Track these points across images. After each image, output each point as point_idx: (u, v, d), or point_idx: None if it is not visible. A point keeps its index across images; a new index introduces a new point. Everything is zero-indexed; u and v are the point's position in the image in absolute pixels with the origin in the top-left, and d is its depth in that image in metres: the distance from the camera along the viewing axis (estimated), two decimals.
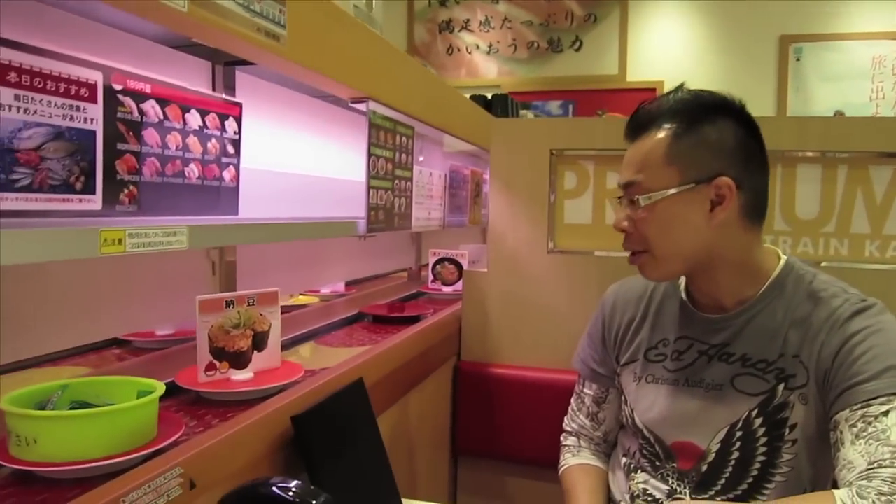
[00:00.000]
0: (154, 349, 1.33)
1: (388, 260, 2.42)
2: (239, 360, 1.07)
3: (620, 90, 4.79)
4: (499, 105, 2.80)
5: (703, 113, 1.07)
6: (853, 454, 0.96)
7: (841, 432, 0.99)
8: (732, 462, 1.11)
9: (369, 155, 1.21)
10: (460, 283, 2.10)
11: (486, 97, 2.76)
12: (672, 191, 1.06)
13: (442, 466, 1.77)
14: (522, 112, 3.21)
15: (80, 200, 0.85)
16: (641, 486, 1.21)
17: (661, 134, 1.07)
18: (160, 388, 0.85)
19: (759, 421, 1.10)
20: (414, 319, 1.69)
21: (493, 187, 1.79)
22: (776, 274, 1.13)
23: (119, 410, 0.79)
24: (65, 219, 0.82)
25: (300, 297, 2.08)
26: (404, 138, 1.36)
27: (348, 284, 2.26)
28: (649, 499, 1.19)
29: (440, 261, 2.28)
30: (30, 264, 0.94)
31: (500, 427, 1.76)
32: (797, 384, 1.08)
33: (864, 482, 0.90)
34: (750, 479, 1.11)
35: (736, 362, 1.13)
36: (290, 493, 0.63)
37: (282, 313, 1.14)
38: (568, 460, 1.36)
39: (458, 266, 2.26)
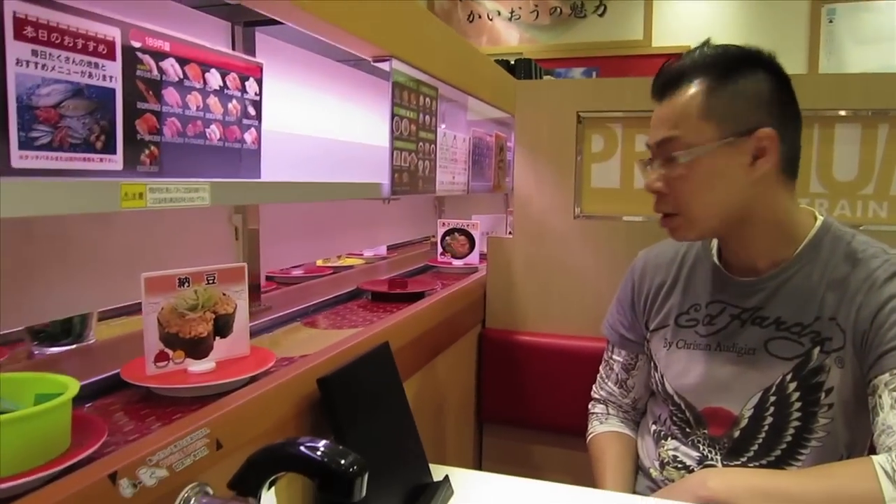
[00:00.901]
0: None
1: (410, 227, 2.40)
2: (197, 349, 0.92)
3: (646, 56, 4.68)
4: (522, 70, 2.74)
5: (736, 65, 1.04)
6: (893, 419, 0.93)
7: (880, 396, 0.97)
8: (766, 428, 1.09)
9: (392, 116, 1.18)
10: (472, 255, 2.06)
11: (509, 62, 2.71)
12: (711, 146, 1.02)
13: (467, 434, 1.76)
14: (546, 78, 3.15)
15: (101, 160, 0.83)
16: (671, 452, 1.19)
17: (694, 89, 1.04)
18: (72, 388, 0.68)
19: (793, 385, 1.07)
20: (416, 297, 1.53)
21: (519, 152, 1.75)
22: (812, 234, 1.09)
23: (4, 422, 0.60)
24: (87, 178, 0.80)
25: (346, 258, 2.19)
26: (428, 99, 1.33)
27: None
28: (679, 465, 1.18)
29: (450, 232, 2.08)
30: (54, 227, 0.93)
31: (525, 394, 1.74)
32: (833, 347, 1.05)
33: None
34: (784, 445, 1.09)
35: (770, 326, 1.10)
36: (319, 453, 0.62)
37: (326, 273, 1.12)
38: (596, 428, 1.35)
39: (470, 238, 2.08)
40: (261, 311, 1.31)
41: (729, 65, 1.04)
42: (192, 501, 0.68)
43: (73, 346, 1.09)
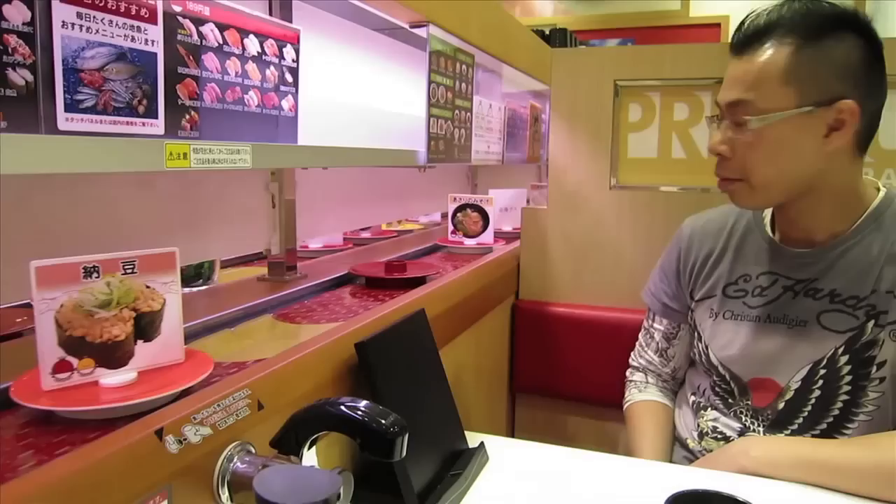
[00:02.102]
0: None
1: (443, 200, 2.39)
2: (112, 356, 0.72)
3: (683, 27, 4.57)
4: (557, 40, 2.70)
5: (827, 26, 0.96)
6: None
7: None
8: (813, 400, 1.08)
9: (429, 82, 1.17)
10: (486, 234, 1.88)
11: (543, 32, 2.67)
12: (788, 112, 0.96)
13: (499, 403, 1.77)
14: (581, 47, 3.10)
15: (143, 124, 0.84)
16: (711, 423, 1.18)
17: (779, 49, 0.96)
18: None
19: (844, 359, 1.05)
20: (417, 282, 1.34)
21: (554, 122, 1.73)
22: (874, 206, 1.06)
23: None
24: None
25: (406, 223, 2.31)
26: (464, 66, 1.32)
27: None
28: (719, 436, 1.17)
29: (461, 207, 1.87)
30: (99, 193, 0.95)
31: (557, 366, 1.74)
32: (889, 320, 1.03)
33: None
34: (830, 419, 1.07)
35: (823, 298, 1.07)
36: (360, 413, 0.63)
37: (391, 236, 1.13)
38: (634, 395, 1.34)
39: (484, 214, 1.88)
40: (296, 280, 1.32)
41: (819, 25, 0.96)
42: (236, 459, 0.69)
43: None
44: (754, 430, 1.13)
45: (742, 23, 1.02)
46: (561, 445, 1.15)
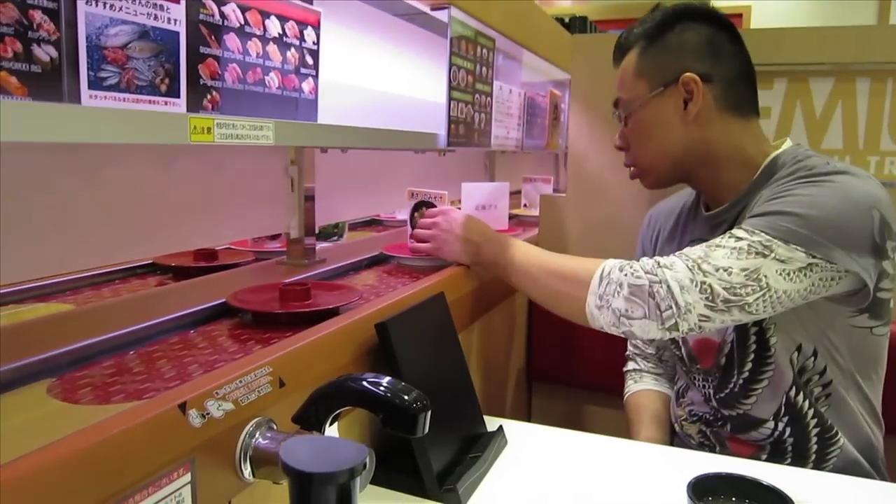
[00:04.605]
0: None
1: (459, 188, 2.39)
2: None
3: None
4: (577, 29, 2.68)
5: (666, 24, 1.13)
6: (692, 249, 1.02)
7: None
8: (732, 346, 1.12)
9: (450, 65, 1.17)
10: None
11: (563, 20, 2.65)
12: (643, 98, 1.13)
13: (516, 392, 1.77)
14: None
15: (166, 103, 0.84)
16: (688, 408, 1.23)
17: (632, 53, 1.16)
18: None
19: None
20: (322, 316, 0.94)
21: (574, 109, 1.72)
22: (768, 161, 1.10)
23: None
24: None
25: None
26: (485, 50, 1.31)
27: None
28: (695, 418, 1.21)
29: (419, 206, 1.41)
30: (114, 172, 0.95)
31: (575, 354, 1.74)
32: None
33: (649, 264, 1.00)
34: (752, 356, 1.10)
35: None
36: (382, 388, 0.63)
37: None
38: (631, 387, 1.37)
39: None
40: (315, 264, 1.32)
41: (660, 25, 1.13)
42: (258, 435, 0.69)
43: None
44: (706, 392, 1.17)
45: (617, 40, 1.21)
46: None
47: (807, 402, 1.08)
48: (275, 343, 0.83)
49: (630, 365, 1.41)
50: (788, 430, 1.09)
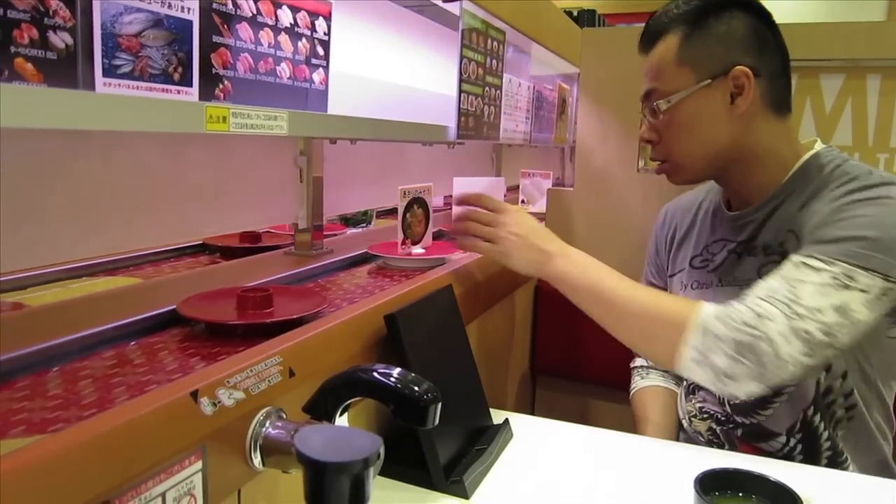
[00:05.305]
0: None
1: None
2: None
3: None
4: (585, 22, 2.67)
5: (709, 10, 1.06)
6: (767, 280, 0.96)
7: (779, 266, 0.98)
8: None
9: (461, 58, 1.16)
10: (426, 238, 1.40)
11: (572, 13, 2.64)
12: (689, 90, 1.05)
13: (520, 385, 1.77)
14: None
15: (178, 91, 0.84)
16: (699, 405, 1.21)
17: (670, 39, 1.07)
18: None
19: None
20: (281, 327, 0.84)
21: (582, 103, 1.72)
22: (801, 162, 1.08)
23: None
24: None
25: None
26: (495, 43, 1.31)
27: None
28: (706, 416, 1.19)
29: (410, 204, 1.34)
30: (130, 161, 0.96)
31: (579, 348, 1.74)
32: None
33: (741, 307, 0.93)
34: None
35: (759, 254, 1.10)
36: (393, 379, 0.63)
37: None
38: (637, 383, 1.36)
39: (427, 211, 1.39)
40: (322, 255, 1.33)
41: (701, 11, 1.06)
42: (268, 424, 0.69)
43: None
44: (724, 399, 1.15)
45: (646, 24, 1.13)
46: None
47: (823, 424, 1.07)
48: (223, 360, 0.73)
49: (637, 361, 1.40)
50: (800, 448, 1.08)
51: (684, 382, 1.28)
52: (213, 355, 0.78)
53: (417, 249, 1.37)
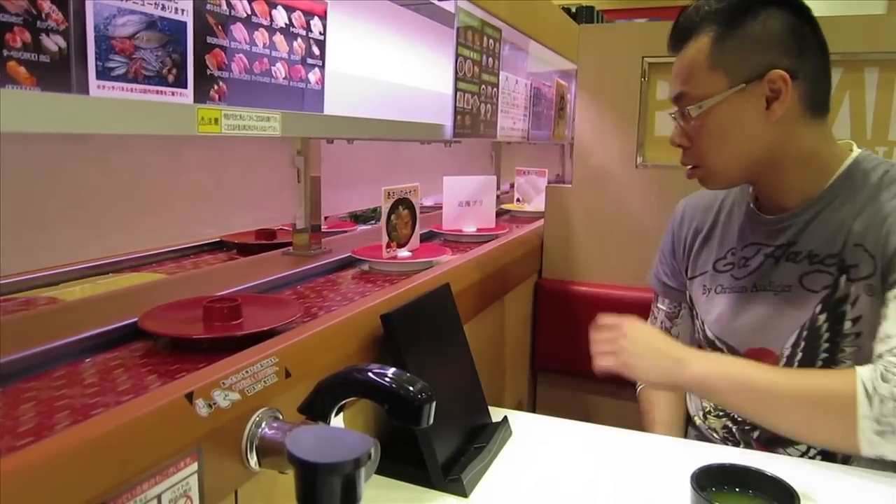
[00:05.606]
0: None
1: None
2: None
3: None
4: (584, 18, 2.67)
5: (745, 8, 1.00)
6: (892, 328, 0.91)
7: (886, 307, 0.95)
8: (796, 364, 1.07)
9: (457, 56, 1.16)
10: (413, 240, 1.36)
11: (570, 10, 2.64)
12: (721, 95, 1.00)
13: (521, 382, 1.77)
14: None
15: (173, 93, 0.84)
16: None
17: (702, 40, 1.01)
18: None
19: (822, 317, 1.04)
20: (241, 344, 0.78)
21: (580, 99, 1.71)
22: (845, 167, 1.05)
23: None
24: None
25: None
26: (491, 41, 1.30)
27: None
28: (721, 413, 1.18)
29: (395, 205, 1.29)
30: (127, 163, 0.96)
31: (579, 345, 1.72)
32: (861, 275, 1.01)
33: (893, 358, 0.87)
34: None
35: (803, 260, 1.07)
36: (387, 379, 0.63)
37: None
38: None
39: (413, 212, 1.34)
40: (320, 254, 1.33)
41: (737, 9, 1.00)
42: (264, 424, 0.70)
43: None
44: None
45: (676, 19, 1.06)
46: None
47: None
48: (181, 377, 0.69)
49: None
50: (819, 457, 1.07)
51: None
52: (171, 373, 0.73)
53: (403, 253, 1.32)
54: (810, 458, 1.08)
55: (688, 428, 1.29)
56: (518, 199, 2.23)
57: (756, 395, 0.96)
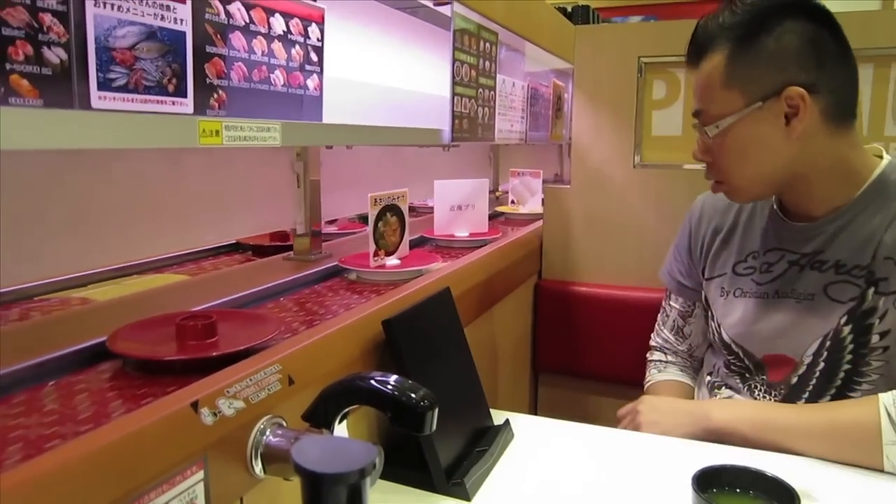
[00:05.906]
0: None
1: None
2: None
3: (708, 1, 4.50)
4: (580, 17, 2.67)
5: (760, 23, 0.97)
6: None
7: None
8: (817, 373, 1.07)
9: (453, 61, 1.17)
10: (402, 247, 1.33)
11: (566, 9, 2.64)
12: (738, 115, 0.99)
13: (522, 383, 1.78)
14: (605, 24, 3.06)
15: (173, 103, 0.85)
16: (726, 399, 1.18)
17: (717, 57, 1.00)
18: None
19: (847, 329, 1.04)
20: (216, 365, 0.75)
21: (577, 100, 1.72)
22: (875, 176, 1.04)
23: None
24: None
25: None
26: (488, 44, 1.31)
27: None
28: None
29: (382, 212, 1.26)
30: (129, 172, 0.96)
31: (580, 345, 1.75)
32: (891, 288, 1.01)
33: None
34: (833, 391, 1.07)
35: (829, 270, 1.07)
36: (390, 387, 0.64)
37: None
38: (654, 376, 1.34)
39: (402, 219, 1.31)
40: (320, 259, 1.33)
41: (752, 23, 0.98)
42: (268, 432, 0.70)
43: None
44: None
45: (693, 32, 1.05)
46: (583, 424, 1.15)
47: None
48: (149, 403, 0.66)
49: (655, 354, 1.37)
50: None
51: (706, 379, 1.26)
52: (137, 398, 0.68)
53: (392, 261, 1.28)
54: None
55: None
56: (513, 202, 2.20)
57: (777, 434, 1.01)
